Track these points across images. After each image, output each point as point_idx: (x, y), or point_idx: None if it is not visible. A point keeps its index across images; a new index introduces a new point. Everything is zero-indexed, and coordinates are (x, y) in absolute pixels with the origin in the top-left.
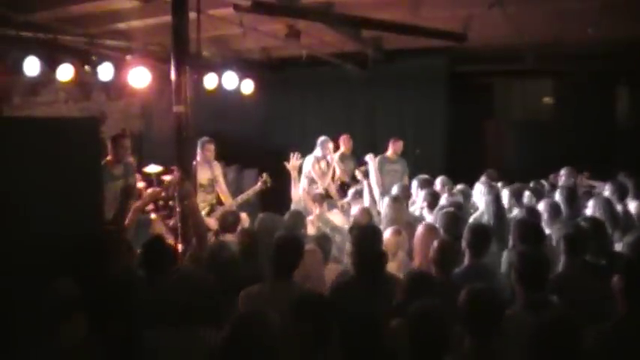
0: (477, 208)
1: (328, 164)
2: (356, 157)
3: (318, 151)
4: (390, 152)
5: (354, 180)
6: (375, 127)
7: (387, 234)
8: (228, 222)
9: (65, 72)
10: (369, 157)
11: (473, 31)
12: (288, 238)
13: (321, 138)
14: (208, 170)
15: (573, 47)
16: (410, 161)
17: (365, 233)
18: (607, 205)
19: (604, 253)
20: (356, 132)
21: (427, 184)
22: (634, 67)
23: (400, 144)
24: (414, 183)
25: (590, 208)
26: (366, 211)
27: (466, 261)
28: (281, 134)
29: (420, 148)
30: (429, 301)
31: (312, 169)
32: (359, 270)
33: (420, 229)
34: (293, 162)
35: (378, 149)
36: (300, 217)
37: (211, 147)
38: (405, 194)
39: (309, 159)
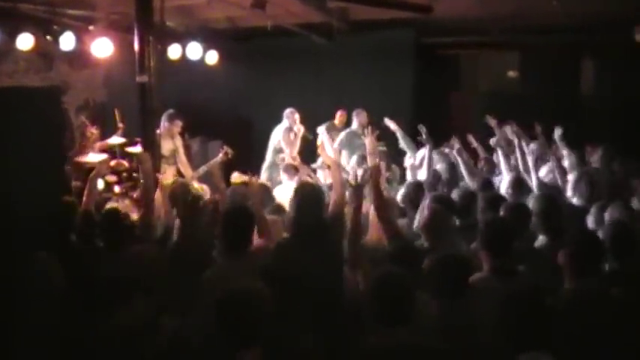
0: None
1: (296, 135)
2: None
3: (285, 122)
4: (355, 125)
5: None
6: (341, 99)
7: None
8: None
9: (25, 41)
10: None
11: (439, 3)
12: (236, 210)
13: (288, 109)
14: (170, 142)
15: (539, 20)
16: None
17: (305, 196)
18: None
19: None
20: (322, 103)
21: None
22: (599, 40)
23: (364, 115)
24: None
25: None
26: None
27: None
28: (246, 105)
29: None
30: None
31: (283, 138)
32: (298, 233)
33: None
34: None
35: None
36: (266, 190)
37: (179, 123)
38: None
39: (279, 129)
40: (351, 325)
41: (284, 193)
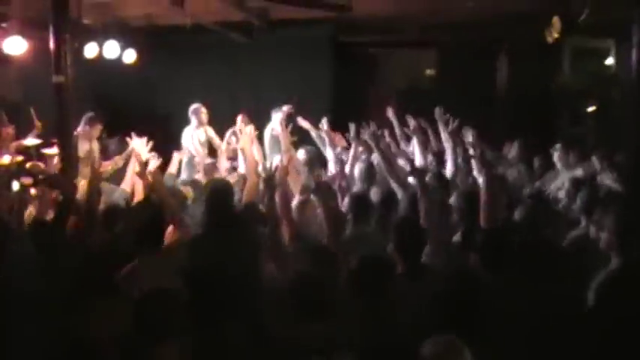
0: None
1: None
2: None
3: (193, 121)
4: (276, 122)
5: None
6: (261, 98)
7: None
8: None
9: None
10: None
11: (357, 2)
12: (144, 208)
13: (193, 106)
14: (87, 144)
15: (454, 18)
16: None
17: (214, 192)
18: None
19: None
20: (241, 102)
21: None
22: (513, 38)
23: (283, 113)
24: (300, 152)
25: None
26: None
27: (349, 229)
28: (165, 104)
29: (304, 118)
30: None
31: (190, 142)
32: (210, 227)
33: (297, 199)
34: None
35: (263, 119)
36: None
37: (99, 126)
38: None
39: (187, 130)
40: (268, 316)
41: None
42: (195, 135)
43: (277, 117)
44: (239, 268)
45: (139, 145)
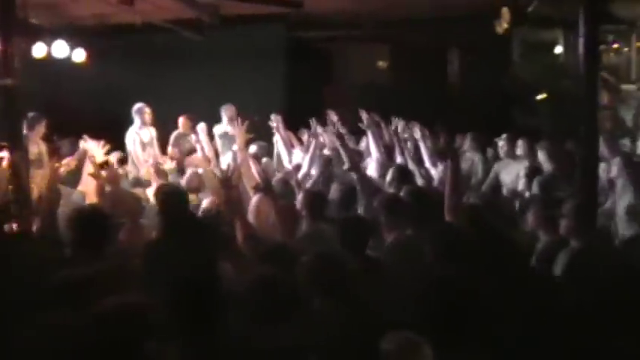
0: None
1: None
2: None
3: (136, 121)
4: (225, 121)
5: None
6: (214, 95)
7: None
8: None
9: None
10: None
11: None
12: (85, 212)
13: (137, 105)
14: (36, 145)
15: (407, 13)
16: (252, 128)
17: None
18: None
19: None
20: (194, 100)
21: (267, 152)
22: (465, 33)
23: (232, 109)
24: (253, 148)
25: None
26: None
27: (305, 225)
28: (117, 104)
29: (259, 115)
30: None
31: (132, 144)
32: (164, 233)
33: (254, 198)
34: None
35: (218, 117)
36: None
37: (42, 126)
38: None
39: (130, 130)
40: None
41: None
42: (137, 135)
43: (227, 114)
44: (197, 273)
45: (93, 147)
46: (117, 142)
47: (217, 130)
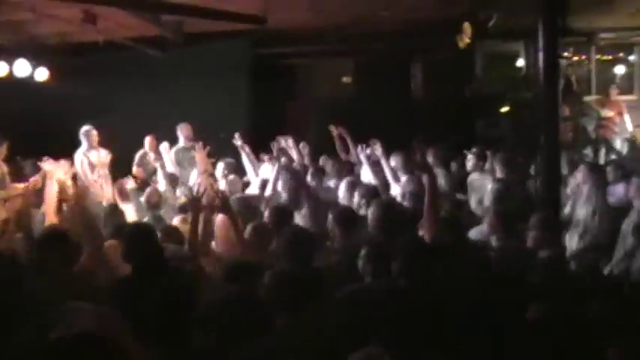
0: None
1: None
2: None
3: (84, 144)
4: (181, 140)
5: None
6: (178, 113)
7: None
8: None
9: None
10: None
11: (273, 14)
12: (50, 232)
13: (84, 128)
14: None
15: (370, 28)
16: (216, 145)
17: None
18: None
19: None
20: (158, 118)
21: (234, 169)
22: (428, 47)
23: (188, 128)
24: (220, 166)
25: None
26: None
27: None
28: (81, 123)
29: (224, 132)
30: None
31: (80, 166)
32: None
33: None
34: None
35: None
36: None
37: (3, 149)
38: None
39: (78, 152)
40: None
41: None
42: (85, 157)
43: (184, 133)
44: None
45: (54, 168)
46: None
47: (173, 152)
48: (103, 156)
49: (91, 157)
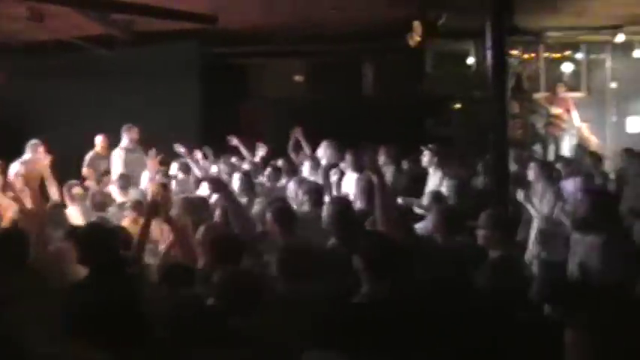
0: None
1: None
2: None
3: (27, 155)
4: (125, 141)
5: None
6: (128, 113)
7: None
8: None
9: None
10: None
11: (224, 14)
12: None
13: (31, 141)
14: None
15: (321, 28)
16: (168, 145)
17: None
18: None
19: None
20: (107, 119)
21: (187, 169)
22: (378, 46)
23: (135, 131)
24: (174, 166)
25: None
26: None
27: None
28: (27, 123)
29: (175, 133)
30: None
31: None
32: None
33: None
34: None
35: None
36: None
37: None
38: None
39: (15, 164)
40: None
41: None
42: (21, 167)
43: (129, 136)
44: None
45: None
46: None
47: (116, 155)
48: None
49: (27, 167)
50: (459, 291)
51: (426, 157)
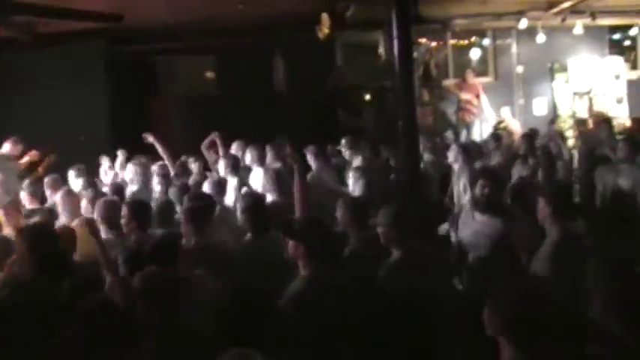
0: None
1: None
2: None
3: None
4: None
5: None
6: (37, 116)
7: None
8: None
9: None
10: None
11: (130, 12)
12: None
13: None
14: None
15: (229, 23)
16: (76, 147)
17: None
18: None
19: None
20: (14, 122)
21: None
22: (288, 39)
23: (18, 148)
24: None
25: None
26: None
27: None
28: None
29: (83, 135)
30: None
31: None
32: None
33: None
34: None
35: (37, 141)
36: None
37: None
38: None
39: None
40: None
41: None
42: None
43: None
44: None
45: None
46: None
47: None
48: None
49: None
50: (363, 292)
51: (346, 153)
